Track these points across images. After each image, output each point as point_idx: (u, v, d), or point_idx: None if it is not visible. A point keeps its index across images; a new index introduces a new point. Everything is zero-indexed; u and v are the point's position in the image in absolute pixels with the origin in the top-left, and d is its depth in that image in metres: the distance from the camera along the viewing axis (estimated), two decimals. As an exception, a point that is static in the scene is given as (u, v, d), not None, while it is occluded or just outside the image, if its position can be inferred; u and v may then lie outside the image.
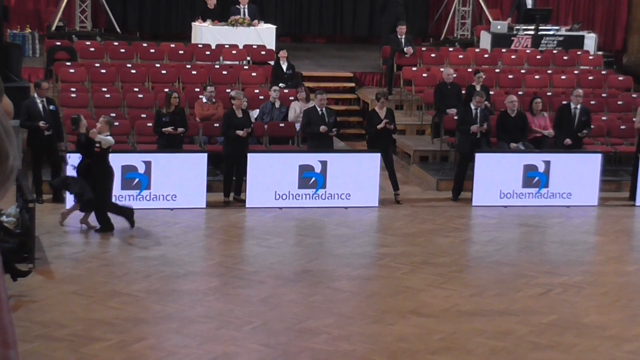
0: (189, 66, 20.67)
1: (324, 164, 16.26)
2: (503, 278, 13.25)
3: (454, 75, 19.56)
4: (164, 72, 20.16)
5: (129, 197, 15.42)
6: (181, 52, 21.45)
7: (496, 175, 16.74)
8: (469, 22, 26.26)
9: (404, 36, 22.13)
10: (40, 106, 15.95)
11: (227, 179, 16.43)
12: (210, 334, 10.94)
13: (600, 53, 24.16)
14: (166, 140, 16.41)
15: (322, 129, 16.67)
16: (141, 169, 15.63)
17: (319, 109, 16.91)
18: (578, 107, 18.02)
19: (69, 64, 20.06)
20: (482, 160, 16.73)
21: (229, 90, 18.19)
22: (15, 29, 23.45)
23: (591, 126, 18.12)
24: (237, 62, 21.49)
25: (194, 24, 23.13)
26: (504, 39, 23.59)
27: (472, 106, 17.22)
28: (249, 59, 21.71)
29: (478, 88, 18.69)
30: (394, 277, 13.14)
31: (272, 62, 21.20)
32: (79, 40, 22.15)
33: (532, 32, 23.73)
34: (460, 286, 12.86)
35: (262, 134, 17.79)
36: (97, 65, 20.16)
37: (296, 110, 17.94)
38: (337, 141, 18.37)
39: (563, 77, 21.73)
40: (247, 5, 22.79)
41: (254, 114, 18.15)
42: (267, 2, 26.76)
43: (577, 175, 16.95)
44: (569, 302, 12.43)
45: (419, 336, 11.09)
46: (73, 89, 18.73)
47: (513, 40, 23.60)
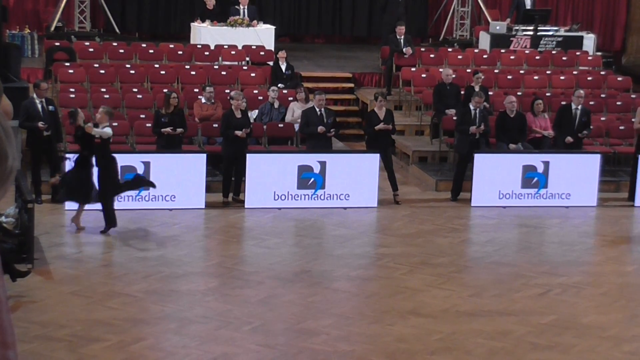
0: (187, 67, 20.67)
1: (323, 164, 16.26)
2: (502, 278, 13.26)
3: (453, 76, 19.56)
4: (162, 72, 20.16)
5: (128, 198, 15.41)
6: (180, 52, 21.44)
7: (495, 175, 16.74)
8: (467, 23, 26.26)
9: (402, 36, 22.13)
10: (39, 106, 15.95)
11: (226, 180, 16.43)
12: (209, 334, 10.94)
13: (599, 53, 24.16)
14: (165, 141, 16.42)
15: (321, 129, 16.67)
16: (140, 169, 15.61)
17: (317, 109, 16.91)
18: (579, 108, 18.02)
19: (68, 64, 20.06)
20: (481, 160, 16.74)
21: (228, 91, 18.19)
22: (14, 29, 23.46)
23: (591, 127, 18.12)
24: (236, 63, 21.48)
25: (192, 24, 23.12)
26: (503, 39, 23.59)
27: (471, 107, 17.22)
28: (248, 59, 21.70)
29: (477, 88, 18.69)
30: (393, 277, 13.14)
31: (271, 63, 21.19)
32: (78, 41, 22.13)
33: (531, 33, 23.73)
34: (459, 286, 12.86)
35: (261, 134, 17.79)
36: (96, 65, 20.15)
37: (295, 110, 17.94)
38: (336, 142, 18.38)
39: (562, 77, 21.73)
40: (246, 6, 22.80)
41: (253, 114, 18.16)
42: (266, 3, 26.76)
43: (576, 176, 16.96)
44: (568, 302, 12.43)
45: (418, 336, 11.09)
46: (72, 90, 18.73)
47: (512, 40, 23.60)
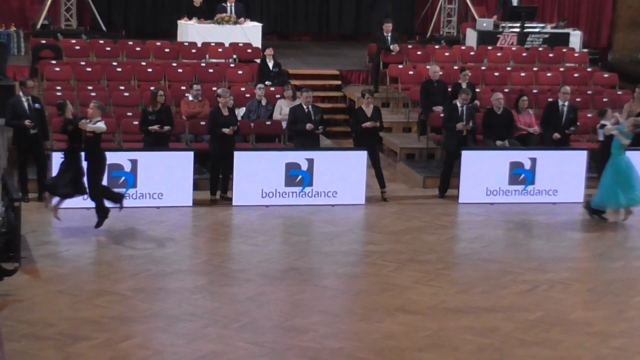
0: (175, 64, 20.64)
1: (310, 161, 16.26)
2: (489, 275, 13.28)
3: (440, 73, 19.57)
4: (150, 70, 20.13)
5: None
6: (167, 50, 21.42)
7: (482, 172, 16.76)
8: (454, 20, 26.31)
9: (390, 34, 22.15)
10: (26, 105, 15.89)
11: (214, 177, 16.42)
12: (198, 332, 10.93)
13: (586, 50, 24.21)
14: (152, 139, 16.39)
15: (309, 126, 16.66)
16: (127, 167, 15.61)
17: (305, 106, 16.89)
18: (566, 104, 18.05)
19: (54, 62, 20.02)
20: (468, 157, 16.76)
21: (215, 89, 18.17)
22: (0, 27, 23.38)
23: (577, 124, 18.15)
24: (223, 60, 21.47)
25: (179, 22, 23.09)
26: (490, 36, 23.62)
27: (458, 104, 17.23)
28: (235, 57, 21.69)
29: (464, 85, 18.72)
30: (381, 274, 13.15)
31: (258, 60, 21.19)
32: (65, 39, 22.10)
33: (518, 30, 23.77)
34: (446, 283, 12.88)
35: (248, 132, 17.78)
36: (83, 63, 20.11)
37: (282, 108, 17.93)
38: (324, 139, 18.38)
39: (549, 74, 21.77)
40: (233, 4, 22.78)
41: (241, 112, 18.14)
42: (253, 1, 26.75)
43: (563, 172, 17.00)
44: (555, 298, 12.47)
45: (406, 333, 11.11)
46: (58, 87, 18.67)
47: (499, 37, 23.64)
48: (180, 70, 20.24)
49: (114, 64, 20.35)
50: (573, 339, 11.15)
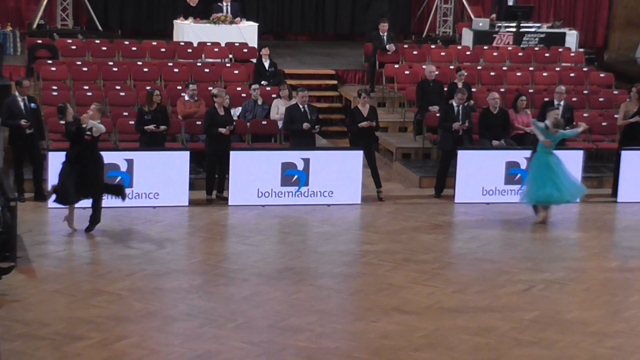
0: (170, 64, 20.63)
1: (306, 161, 16.26)
2: (485, 275, 13.29)
3: (436, 73, 19.58)
4: (145, 70, 20.11)
5: (111, 195, 15.34)
6: (163, 49, 21.40)
7: (478, 172, 16.77)
8: (450, 20, 26.31)
9: (385, 33, 22.15)
10: (22, 104, 15.89)
11: (210, 177, 16.42)
12: (193, 332, 10.93)
13: (582, 50, 24.22)
14: (148, 138, 16.38)
15: (305, 126, 16.65)
16: (123, 167, 15.60)
17: (301, 106, 16.89)
18: (561, 103, 18.04)
19: (50, 62, 20.01)
20: (464, 157, 16.76)
21: (211, 88, 18.16)
22: (-4, 27, 23.40)
23: (574, 123, 18.14)
24: (219, 60, 21.46)
25: (175, 21, 23.07)
26: (486, 36, 23.62)
27: (454, 103, 17.23)
28: (231, 56, 21.68)
29: (460, 85, 18.71)
30: (377, 274, 13.15)
31: (254, 60, 21.18)
32: (61, 38, 22.07)
33: (514, 30, 23.78)
34: (442, 283, 12.89)
35: (244, 131, 17.77)
36: (79, 63, 20.09)
37: (279, 108, 17.92)
38: (320, 139, 18.37)
39: (545, 74, 21.78)
40: (229, 3, 22.77)
41: (237, 111, 18.14)
42: (249, 0, 26.73)
43: (559, 172, 16.98)
44: (551, 298, 12.47)
45: (402, 333, 11.11)
46: (54, 87, 18.66)
47: (495, 37, 23.65)
48: (176, 70, 20.23)
49: (110, 63, 20.33)
50: (569, 339, 11.15)
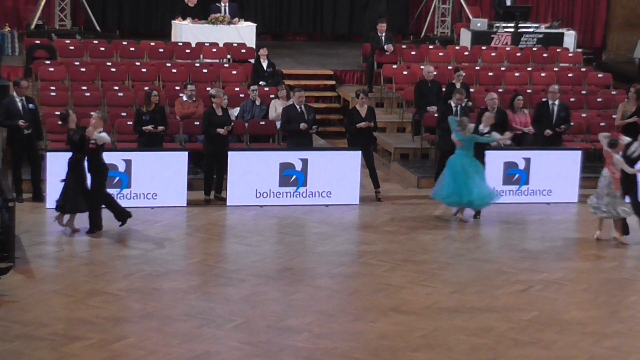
0: (169, 64, 20.63)
1: (304, 161, 16.26)
2: (484, 275, 13.29)
3: (434, 73, 19.57)
4: (144, 70, 20.11)
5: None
6: (161, 50, 21.40)
7: (477, 172, 16.74)
8: (449, 20, 26.31)
9: (384, 34, 22.16)
10: (20, 105, 15.89)
11: (208, 177, 16.42)
12: (192, 332, 10.93)
13: (580, 50, 24.23)
14: (146, 139, 16.37)
15: (302, 126, 16.65)
16: (121, 167, 15.59)
17: (297, 106, 16.89)
18: (556, 103, 18.02)
19: (48, 62, 20.00)
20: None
21: (209, 89, 18.16)
22: (-6, 27, 23.39)
23: (571, 122, 18.14)
24: (217, 60, 21.46)
25: (173, 22, 23.07)
26: (484, 36, 23.63)
27: (452, 104, 17.24)
28: (229, 57, 21.68)
29: (458, 85, 18.71)
30: (375, 274, 13.15)
31: (252, 60, 21.18)
32: (59, 39, 22.08)
33: (512, 30, 23.78)
34: (441, 283, 12.89)
35: (242, 132, 17.77)
36: (77, 63, 20.09)
37: (277, 108, 17.92)
38: (318, 139, 18.38)
39: (543, 74, 21.78)
40: (227, 4, 22.77)
41: (235, 112, 18.14)
42: (247, 1, 26.73)
43: (557, 172, 17.01)
44: (549, 298, 12.48)
45: (400, 333, 11.12)
46: (52, 88, 18.66)
47: (493, 37, 23.65)
48: (174, 71, 20.23)
49: (108, 64, 20.33)
50: (567, 339, 11.16)
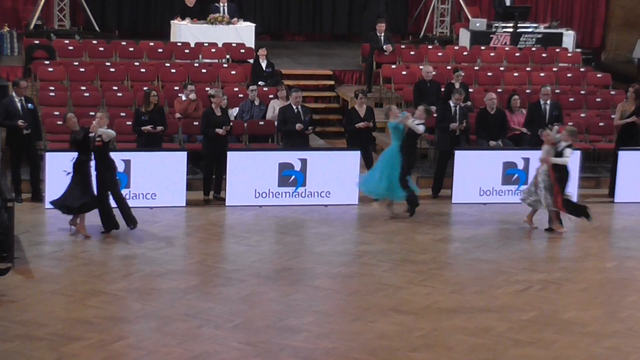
0: (168, 64, 20.62)
1: (303, 162, 16.26)
2: (483, 275, 13.29)
3: (433, 73, 19.57)
4: (143, 70, 20.11)
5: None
6: (160, 50, 21.40)
7: (476, 172, 16.77)
8: (447, 20, 26.32)
9: (383, 34, 22.16)
10: (19, 105, 15.89)
11: (207, 177, 16.42)
12: (191, 332, 10.93)
13: (579, 50, 24.22)
14: (145, 139, 16.37)
15: (298, 127, 16.67)
16: (120, 167, 15.56)
17: (294, 107, 16.90)
18: (548, 102, 17.96)
19: (47, 62, 20.00)
20: (461, 157, 16.76)
21: (208, 89, 18.16)
22: (-7, 27, 23.39)
23: (564, 121, 18.09)
24: (216, 61, 21.46)
25: (172, 22, 23.07)
26: (483, 36, 23.63)
27: (451, 104, 17.24)
28: (228, 57, 21.68)
29: (457, 86, 18.72)
30: (374, 274, 13.15)
31: (251, 61, 21.18)
32: (58, 39, 22.08)
33: (511, 30, 23.79)
34: (440, 283, 12.89)
35: (241, 132, 17.77)
36: (76, 63, 20.09)
37: (276, 108, 17.92)
38: (317, 139, 18.37)
39: (542, 74, 21.77)
40: (226, 4, 22.77)
41: (234, 112, 18.13)
42: (246, 1, 26.74)
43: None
44: (548, 298, 12.48)
45: (399, 333, 11.12)
46: (52, 88, 18.66)
47: (492, 37, 23.65)
48: (173, 71, 20.22)
49: (107, 64, 20.33)
50: (566, 339, 11.16)
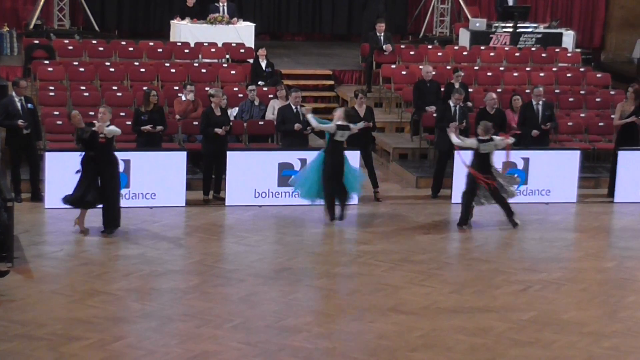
0: (167, 64, 20.63)
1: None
2: (482, 275, 13.29)
3: (433, 73, 19.57)
4: (142, 70, 20.11)
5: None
6: (160, 50, 21.40)
7: (475, 172, 16.73)
8: (447, 20, 26.33)
9: (382, 34, 22.16)
10: (19, 105, 15.89)
11: (207, 177, 16.42)
12: (190, 332, 10.93)
13: (579, 50, 24.24)
14: (145, 139, 16.37)
15: (297, 127, 16.67)
16: (120, 167, 15.56)
17: (293, 107, 16.90)
18: (540, 103, 17.91)
19: (47, 62, 20.00)
20: (461, 157, 16.71)
21: (208, 89, 18.16)
22: (-7, 27, 23.39)
23: (556, 121, 18.06)
24: (216, 60, 21.46)
25: (172, 22, 23.08)
26: (483, 36, 23.64)
27: (451, 104, 17.24)
28: (228, 57, 21.68)
29: (457, 85, 18.72)
30: (374, 274, 13.15)
31: (251, 60, 21.18)
32: (57, 39, 22.08)
33: (511, 30, 23.79)
34: (439, 283, 12.89)
35: (241, 132, 17.78)
36: (76, 63, 20.09)
37: (275, 108, 17.93)
38: (316, 139, 18.37)
39: (541, 74, 21.79)
40: (226, 3, 22.77)
41: (233, 112, 18.14)
42: (246, 0, 26.74)
43: (556, 172, 17.01)
44: (548, 298, 12.48)
45: (399, 333, 11.12)
46: (51, 88, 18.66)
47: (492, 37, 23.66)
48: (173, 71, 20.23)
49: (107, 64, 20.34)
50: (566, 339, 11.16)
